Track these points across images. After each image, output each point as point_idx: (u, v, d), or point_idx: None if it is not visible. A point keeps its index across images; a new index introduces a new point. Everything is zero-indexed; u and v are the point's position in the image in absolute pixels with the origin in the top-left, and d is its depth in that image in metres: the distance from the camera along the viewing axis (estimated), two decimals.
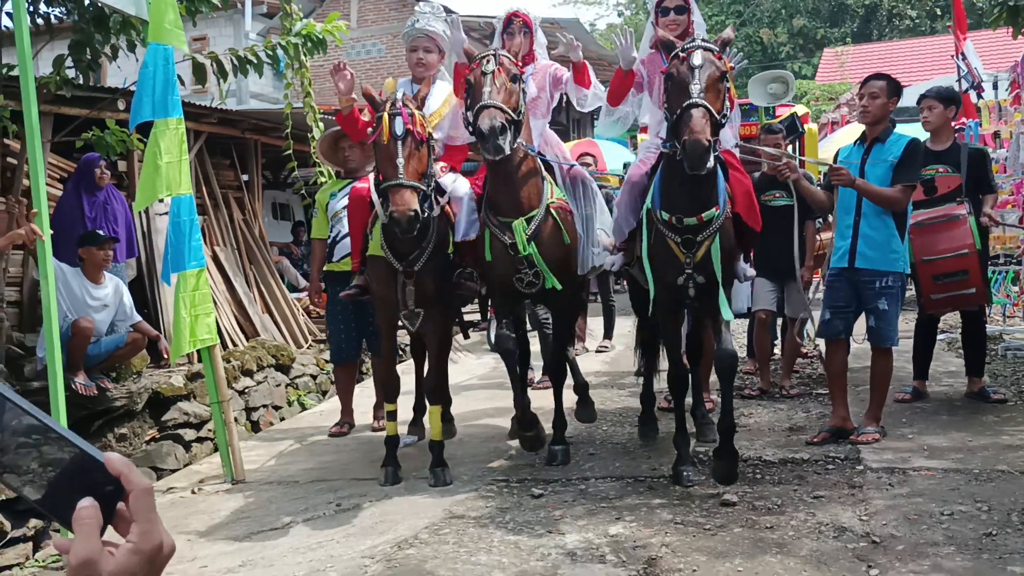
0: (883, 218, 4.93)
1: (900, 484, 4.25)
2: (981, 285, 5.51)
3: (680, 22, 4.77)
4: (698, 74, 3.93)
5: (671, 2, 4.77)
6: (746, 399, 6.32)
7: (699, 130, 3.77)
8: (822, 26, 34.76)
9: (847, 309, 5.05)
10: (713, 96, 3.96)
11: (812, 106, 22.87)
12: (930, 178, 5.66)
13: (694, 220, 4.21)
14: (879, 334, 5.00)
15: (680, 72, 4.01)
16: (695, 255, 4.29)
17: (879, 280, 4.91)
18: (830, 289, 5.14)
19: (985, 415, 5.50)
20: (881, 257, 4.92)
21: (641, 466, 4.77)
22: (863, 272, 4.95)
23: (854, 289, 5.01)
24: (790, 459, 4.78)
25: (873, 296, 4.93)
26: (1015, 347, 7.43)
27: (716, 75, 4.00)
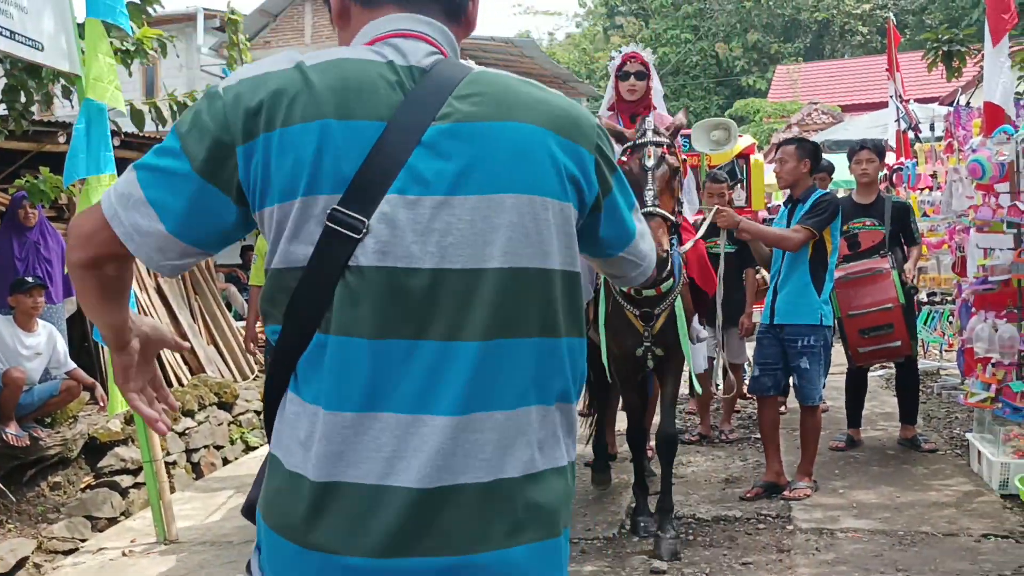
0: (797, 273, 5.02)
1: (827, 548, 4.33)
2: (906, 338, 5.65)
3: (639, 88, 4.81)
4: (651, 177, 3.94)
5: (631, 67, 4.80)
6: (685, 444, 6.38)
7: (656, 242, 3.76)
8: (776, 41, 35.23)
9: (775, 366, 5.13)
10: (668, 197, 4.00)
11: (765, 124, 23.18)
12: (855, 233, 5.79)
13: (652, 291, 4.25)
14: (802, 392, 5.11)
15: (633, 172, 4.00)
16: (653, 327, 4.35)
17: (801, 339, 5.00)
18: (759, 345, 5.24)
19: (915, 466, 5.62)
20: (796, 311, 5.00)
21: (576, 526, 4.80)
22: (786, 329, 5.04)
23: (780, 346, 5.09)
24: (723, 517, 4.84)
25: (796, 355, 5.02)
26: (949, 386, 7.60)
27: (668, 174, 4.02)
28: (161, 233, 1.29)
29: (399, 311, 1.25)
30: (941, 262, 7.87)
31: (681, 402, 7.57)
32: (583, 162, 1.39)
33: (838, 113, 20.82)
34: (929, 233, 7.83)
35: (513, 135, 1.32)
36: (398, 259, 1.25)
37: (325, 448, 1.25)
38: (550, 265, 1.34)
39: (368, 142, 1.25)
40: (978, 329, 5.42)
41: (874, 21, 33.00)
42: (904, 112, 8.55)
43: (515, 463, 1.30)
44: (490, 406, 1.28)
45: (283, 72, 1.29)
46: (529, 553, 1.30)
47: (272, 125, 1.25)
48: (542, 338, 1.33)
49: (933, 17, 32.38)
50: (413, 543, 1.24)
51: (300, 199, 1.25)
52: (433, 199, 1.26)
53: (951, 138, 6.84)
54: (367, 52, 1.33)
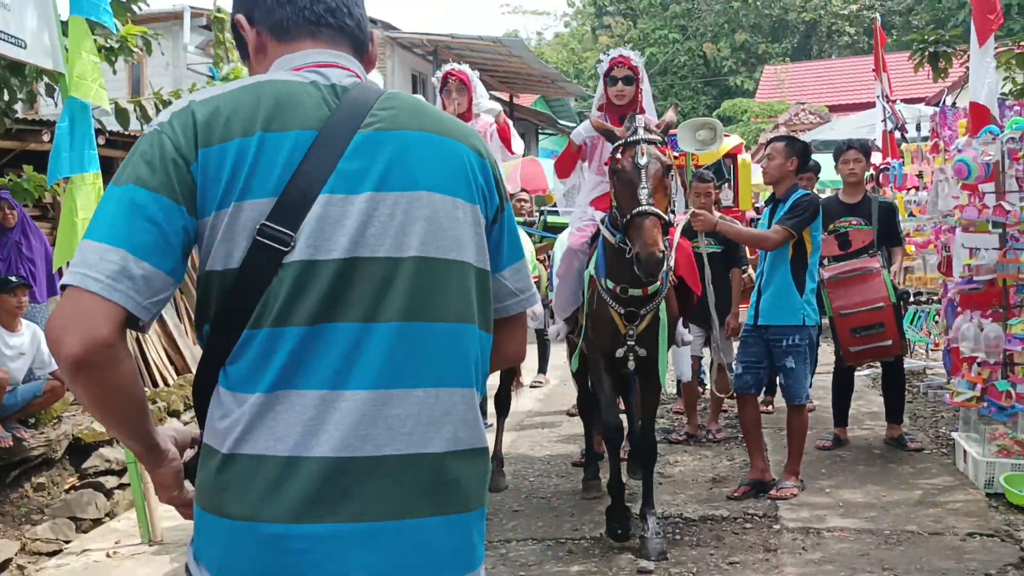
0: (779, 274, 5.03)
1: (813, 548, 4.34)
2: (897, 337, 5.67)
3: (627, 92, 4.77)
4: (644, 175, 3.89)
5: (619, 72, 4.75)
6: (673, 444, 6.39)
7: (652, 242, 3.74)
8: (764, 41, 35.35)
9: (758, 364, 5.14)
10: (661, 195, 3.95)
11: (752, 124, 23.24)
12: (844, 232, 5.81)
13: (639, 292, 4.21)
14: (789, 391, 5.13)
15: (626, 170, 3.96)
16: (637, 327, 4.30)
17: (786, 338, 5.01)
18: (743, 344, 5.26)
19: (901, 465, 5.64)
20: (779, 312, 5.02)
21: (563, 526, 4.79)
22: (770, 330, 5.06)
23: (765, 346, 5.11)
24: (710, 516, 4.85)
25: (781, 354, 5.03)
26: (936, 386, 7.63)
27: (661, 172, 3.97)
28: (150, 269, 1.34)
29: (328, 298, 1.37)
30: (927, 262, 7.90)
31: (669, 402, 7.60)
32: (488, 174, 1.57)
33: (825, 113, 20.89)
34: (915, 233, 7.86)
35: (429, 142, 1.49)
36: (328, 252, 1.37)
37: (243, 425, 1.35)
38: (465, 258, 1.49)
39: (301, 149, 1.39)
40: (964, 328, 5.43)
41: (861, 22, 33.15)
42: (891, 112, 8.58)
43: (437, 439, 1.42)
44: (409, 383, 1.40)
45: (214, 97, 1.42)
46: (444, 524, 1.42)
47: (210, 142, 1.37)
48: (459, 324, 1.47)
49: (920, 18, 32.51)
50: (331, 510, 1.34)
51: (234, 204, 1.36)
52: (360, 196, 1.40)
53: (937, 138, 6.87)
54: (293, 75, 1.48)
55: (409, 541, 1.38)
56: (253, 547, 1.34)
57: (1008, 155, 5.33)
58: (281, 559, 1.33)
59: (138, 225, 1.32)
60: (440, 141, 1.50)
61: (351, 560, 1.34)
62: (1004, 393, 5.17)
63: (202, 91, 1.47)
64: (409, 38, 19.08)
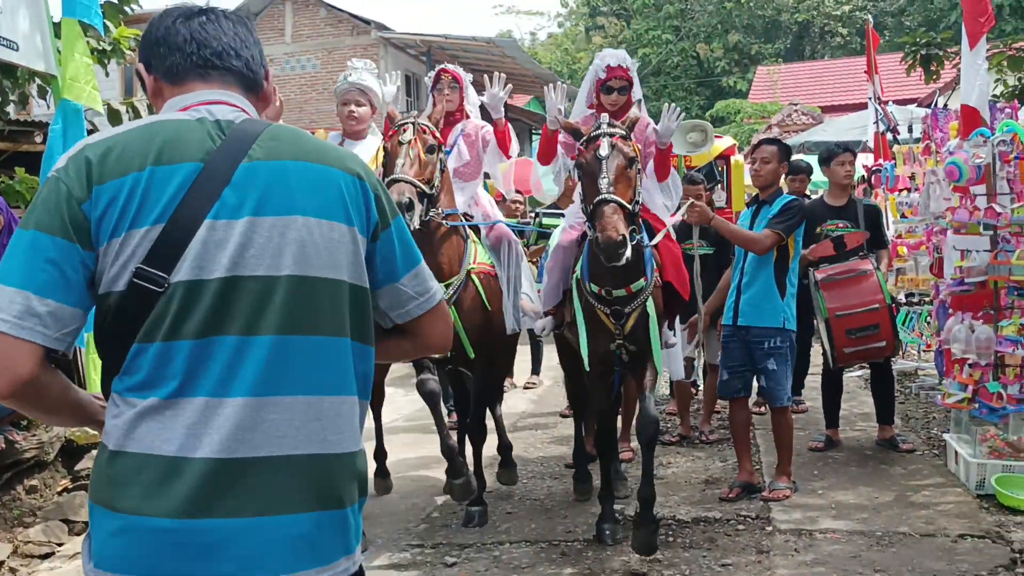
0: (762, 275, 5.05)
1: (805, 549, 4.35)
2: (891, 338, 5.69)
3: (621, 100, 4.75)
4: (605, 165, 3.95)
5: (616, 83, 4.72)
6: (666, 445, 6.40)
7: (611, 227, 3.80)
8: (757, 42, 35.40)
9: (742, 368, 5.16)
10: (624, 186, 3.99)
11: (745, 124, 23.28)
12: (840, 235, 5.83)
13: (623, 291, 4.25)
14: (771, 394, 5.12)
15: (588, 162, 4.04)
16: (624, 326, 4.34)
17: (767, 340, 5.03)
18: (725, 348, 5.26)
19: (893, 466, 5.66)
20: (760, 314, 5.04)
21: (556, 528, 4.80)
22: (751, 331, 5.07)
23: (747, 348, 5.12)
24: (703, 518, 4.86)
25: (762, 356, 5.05)
26: (928, 387, 7.66)
27: (624, 164, 4.01)
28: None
29: (213, 313, 1.51)
30: (919, 263, 7.92)
31: (662, 403, 7.62)
32: (368, 195, 1.70)
33: (818, 114, 20.93)
34: (907, 234, 7.89)
35: (307, 170, 1.63)
36: (212, 272, 1.52)
37: (129, 424, 1.50)
38: (339, 277, 1.63)
39: (189, 180, 1.53)
40: (955, 330, 5.45)
41: (854, 23, 33.25)
42: (883, 114, 8.62)
43: (309, 443, 1.56)
44: (285, 391, 1.55)
45: (106, 139, 1.56)
46: (317, 521, 1.56)
47: (103, 179, 1.50)
48: (333, 337, 1.61)
49: (912, 19, 32.65)
50: (214, 505, 1.48)
51: (125, 233, 1.50)
52: (240, 221, 1.54)
53: (929, 140, 6.89)
54: (181, 114, 1.63)
55: (282, 535, 1.52)
56: (141, 539, 1.47)
57: (999, 157, 5.35)
58: (167, 551, 1.46)
59: (38, 266, 1.47)
60: (317, 169, 1.64)
61: (230, 553, 1.48)
62: (995, 395, 5.19)
63: (96, 134, 1.60)
64: (402, 39, 19.09)
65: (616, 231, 3.80)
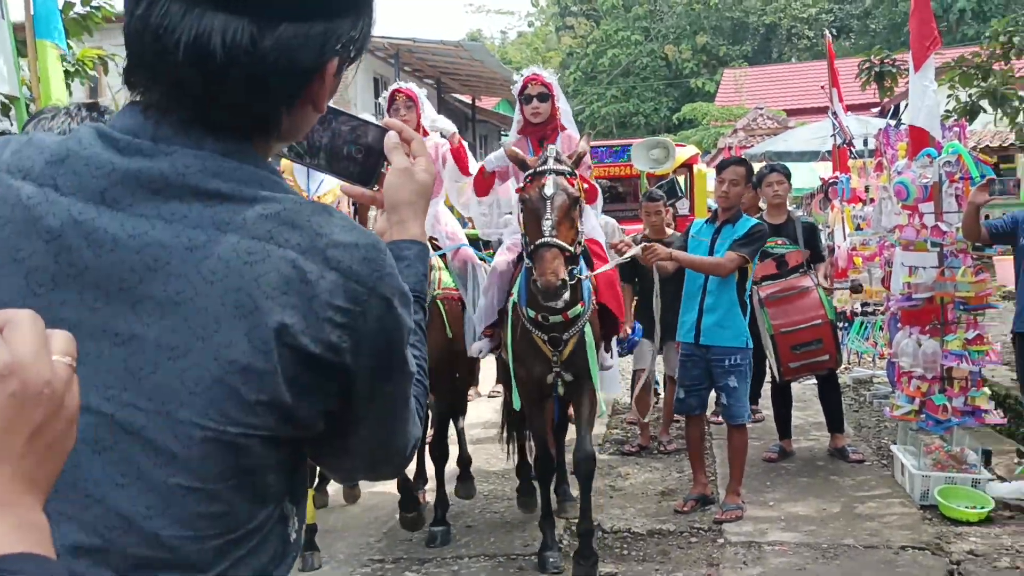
0: (726, 295, 5.13)
1: (754, 562, 4.50)
2: (834, 351, 5.90)
3: (543, 110, 4.80)
4: (549, 206, 3.98)
5: (533, 89, 4.78)
6: (626, 456, 6.54)
7: (550, 272, 3.86)
8: (724, 43, 35.73)
9: (700, 386, 5.27)
10: (566, 227, 4.03)
11: (712, 127, 23.52)
12: (782, 254, 6.01)
13: (560, 318, 4.27)
14: (731, 411, 5.22)
15: (532, 200, 4.05)
16: (562, 352, 4.37)
17: (728, 358, 5.13)
18: (683, 367, 5.36)
19: (843, 477, 5.83)
20: (723, 333, 5.12)
21: (515, 542, 4.92)
22: (713, 350, 5.15)
23: (705, 365, 5.21)
24: (657, 530, 5.00)
25: (723, 374, 5.14)
26: (881, 395, 7.85)
27: (568, 204, 4.04)
28: None
29: None
30: (873, 275, 8.12)
31: (623, 412, 7.76)
32: None
33: (783, 118, 21.20)
34: (861, 247, 8.07)
35: None
36: None
37: None
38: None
39: None
40: (903, 344, 5.63)
41: (820, 25, 33.64)
42: (840, 128, 8.81)
43: None
44: None
45: None
46: None
47: None
48: None
49: (877, 22, 33.08)
50: None
51: None
52: None
53: (881, 156, 7.07)
54: None
55: None
56: None
57: (945, 177, 5.53)
58: None
59: None
60: None
61: None
62: (941, 407, 5.36)
63: None
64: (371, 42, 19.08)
65: (556, 276, 3.86)
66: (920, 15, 5.88)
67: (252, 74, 1.04)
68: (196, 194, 1.03)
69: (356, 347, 1.06)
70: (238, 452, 1.02)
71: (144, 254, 1.01)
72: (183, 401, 0.99)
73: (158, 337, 1.00)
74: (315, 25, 1.07)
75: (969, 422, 5.38)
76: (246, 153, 1.09)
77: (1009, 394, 6.86)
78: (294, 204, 1.06)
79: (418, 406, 1.26)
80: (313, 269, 1.02)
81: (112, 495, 0.99)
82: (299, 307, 1.01)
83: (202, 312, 1.00)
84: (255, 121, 1.10)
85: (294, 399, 1.02)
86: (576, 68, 35.56)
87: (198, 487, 1.00)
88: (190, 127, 1.06)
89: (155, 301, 1.01)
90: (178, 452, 1.00)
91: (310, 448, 1.15)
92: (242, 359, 1.00)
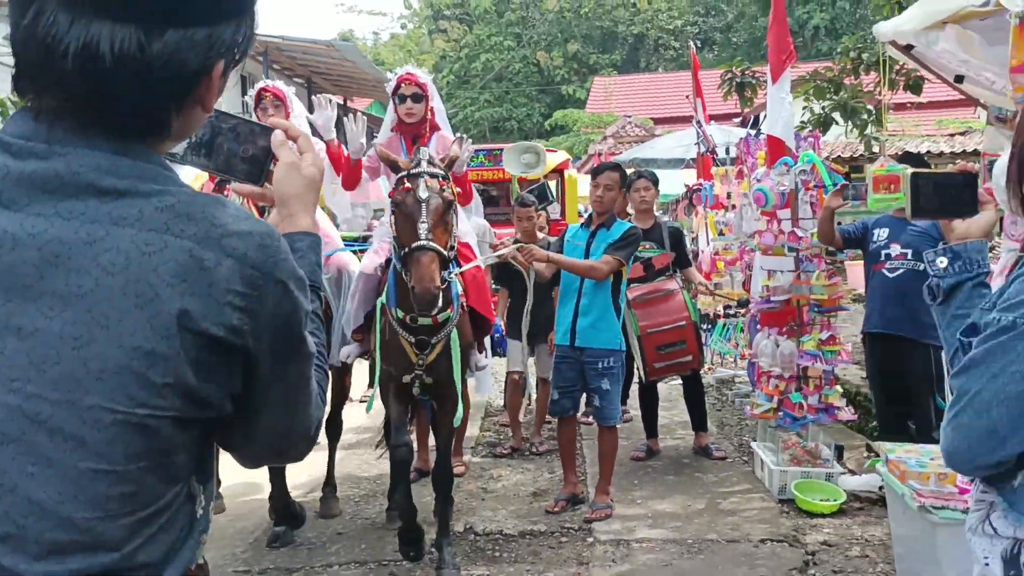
0: (600, 298, 5.21)
1: (622, 560, 4.59)
2: (696, 352, 6.12)
3: (417, 110, 4.77)
4: (424, 209, 3.92)
5: (407, 89, 4.74)
6: (498, 458, 6.58)
7: (427, 278, 3.80)
8: (595, 52, 36.46)
9: (573, 388, 5.34)
10: (441, 231, 3.99)
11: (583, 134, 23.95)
12: (649, 257, 6.18)
13: (428, 321, 4.21)
14: (603, 413, 5.31)
15: (407, 203, 3.99)
16: (427, 356, 4.31)
17: (601, 361, 5.20)
18: (557, 369, 5.41)
19: (707, 474, 6.03)
20: (598, 336, 5.20)
21: (387, 548, 4.86)
22: (587, 352, 5.22)
23: (579, 367, 5.28)
24: (528, 531, 5.04)
25: (596, 376, 5.22)
26: (742, 394, 8.16)
27: (443, 207, 4.00)
28: None
29: None
30: (734, 278, 8.43)
31: (495, 414, 7.80)
32: None
33: (650, 126, 21.79)
34: (724, 251, 8.37)
35: None
36: None
37: None
38: None
39: None
40: (762, 345, 5.87)
41: (685, 37, 34.78)
42: (703, 137, 9.13)
43: None
44: None
45: None
46: None
47: None
48: None
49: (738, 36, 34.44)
50: None
51: None
52: None
53: (742, 164, 7.36)
54: None
55: None
56: None
57: (801, 185, 5.79)
58: None
59: None
60: None
61: None
62: (797, 405, 5.62)
63: None
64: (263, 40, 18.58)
65: (433, 282, 3.81)
66: (777, 30, 6.14)
67: (141, 78, 1.09)
68: (91, 191, 1.08)
69: (256, 329, 1.13)
70: (147, 433, 1.08)
71: (44, 251, 1.05)
72: (89, 388, 1.05)
73: (61, 329, 1.05)
74: (199, 30, 1.12)
75: (823, 419, 5.65)
76: (140, 152, 1.13)
77: (859, 391, 7.24)
78: (188, 196, 1.12)
79: (319, 390, 1.33)
80: (210, 257, 1.08)
81: (22, 484, 1.04)
82: (198, 293, 1.07)
83: (104, 302, 1.05)
84: (147, 123, 1.15)
85: (199, 381, 1.09)
86: (449, 71, 35.61)
87: (108, 469, 1.06)
88: (84, 130, 1.10)
89: (57, 295, 1.05)
90: (87, 437, 1.05)
91: (219, 434, 1.22)
92: (146, 344, 1.06)
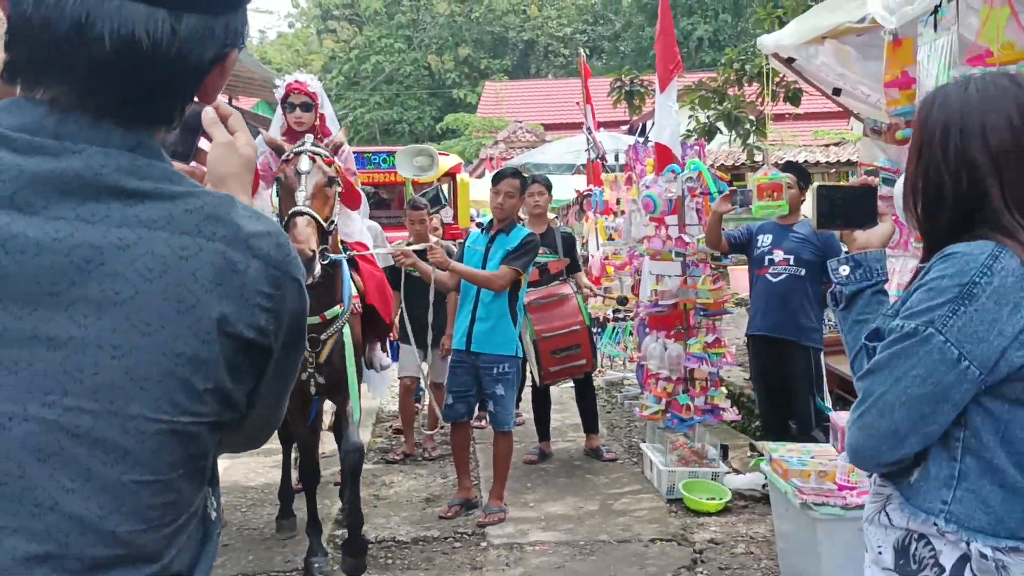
0: (497, 303, 5.23)
1: (516, 563, 4.61)
2: (590, 356, 6.21)
3: (306, 119, 4.66)
4: (304, 180, 3.93)
5: (296, 99, 4.65)
6: (390, 464, 6.52)
7: (303, 239, 3.77)
8: (486, 56, 36.60)
9: (468, 393, 5.34)
10: (320, 203, 3.97)
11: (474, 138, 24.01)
12: (544, 262, 6.24)
13: (316, 319, 4.16)
14: (497, 418, 5.32)
15: (288, 177, 4.00)
16: (319, 354, 4.26)
17: (497, 366, 5.22)
18: (453, 373, 5.40)
19: (598, 476, 6.11)
20: (494, 341, 5.21)
21: (275, 559, 4.75)
22: (482, 357, 5.23)
23: (474, 372, 5.28)
24: (422, 537, 5.01)
25: (491, 382, 5.23)
26: (631, 396, 8.31)
27: (323, 181, 3.99)
28: None
29: None
30: (624, 283, 8.58)
31: (387, 420, 7.72)
32: None
33: (541, 132, 22.01)
34: (614, 256, 8.52)
35: None
36: None
37: None
38: None
39: None
40: (651, 348, 5.99)
41: (574, 44, 35.30)
42: (593, 143, 9.28)
43: None
44: None
45: None
46: None
47: None
48: None
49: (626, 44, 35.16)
50: None
51: None
52: None
53: (631, 171, 7.50)
54: None
55: None
56: None
57: (687, 192, 5.94)
58: None
59: None
60: None
61: None
62: (684, 406, 5.76)
63: None
64: None
65: (308, 244, 3.76)
66: (664, 40, 6.28)
67: (171, 66, 1.06)
68: (113, 193, 1.03)
69: (278, 328, 1.12)
70: (187, 440, 1.06)
71: (73, 256, 1.00)
72: (132, 397, 1.01)
73: (98, 337, 1.00)
74: (219, 18, 1.09)
75: (709, 420, 5.81)
76: (152, 148, 1.09)
77: (743, 393, 7.48)
78: (211, 197, 1.10)
79: None
80: (240, 259, 1.07)
81: (63, 500, 1.00)
82: (233, 296, 1.06)
83: (144, 309, 1.02)
84: (161, 115, 1.11)
85: (232, 384, 1.09)
86: (339, 72, 35.16)
87: (151, 479, 1.03)
88: (99, 122, 1.05)
89: (91, 302, 1.01)
90: (131, 448, 1.02)
91: None
92: (188, 351, 1.03)
